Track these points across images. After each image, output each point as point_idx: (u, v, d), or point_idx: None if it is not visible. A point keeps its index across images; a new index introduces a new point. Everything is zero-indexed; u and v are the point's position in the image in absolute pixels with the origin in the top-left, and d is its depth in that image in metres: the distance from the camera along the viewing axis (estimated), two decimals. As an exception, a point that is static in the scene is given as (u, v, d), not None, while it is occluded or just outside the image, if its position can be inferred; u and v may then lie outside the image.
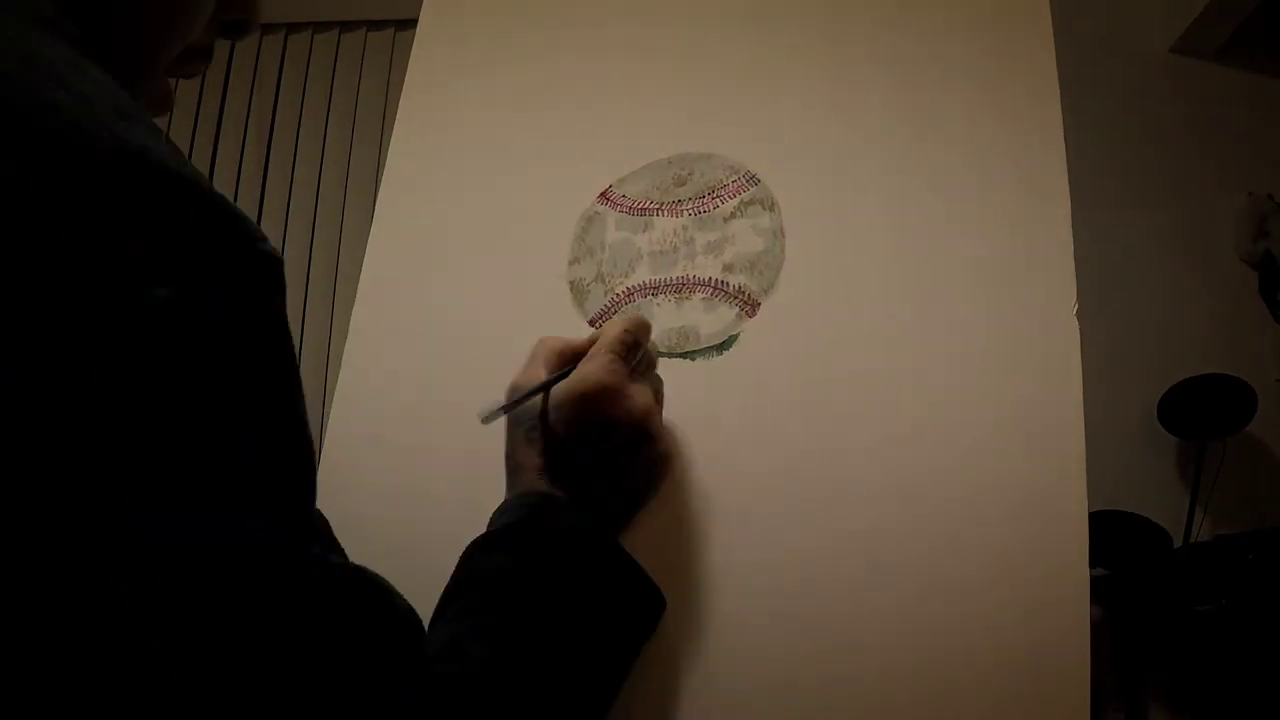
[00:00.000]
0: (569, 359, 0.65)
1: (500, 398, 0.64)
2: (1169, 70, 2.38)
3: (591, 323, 0.75)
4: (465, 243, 0.82)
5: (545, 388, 0.64)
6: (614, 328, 0.65)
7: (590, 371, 0.62)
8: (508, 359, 0.75)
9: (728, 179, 0.77)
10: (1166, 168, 2.31)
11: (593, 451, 0.63)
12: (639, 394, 0.63)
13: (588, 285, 0.77)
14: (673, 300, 0.74)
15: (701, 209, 0.76)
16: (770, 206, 0.75)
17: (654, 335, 0.71)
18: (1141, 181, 2.30)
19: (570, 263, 0.78)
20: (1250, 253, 2.29)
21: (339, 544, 0.44)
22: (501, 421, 0.66)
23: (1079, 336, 0.66)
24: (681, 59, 0.83)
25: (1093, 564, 0.62)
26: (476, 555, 0.59)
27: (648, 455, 0.65)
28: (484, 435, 0.65)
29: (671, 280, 0.75)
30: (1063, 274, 0.68)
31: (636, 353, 0.65)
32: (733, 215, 0.76)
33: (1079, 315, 0.67)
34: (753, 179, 0.77)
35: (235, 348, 0.37)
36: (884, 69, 0.78)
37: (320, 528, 0.43)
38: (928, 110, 0.75)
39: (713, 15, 0.84)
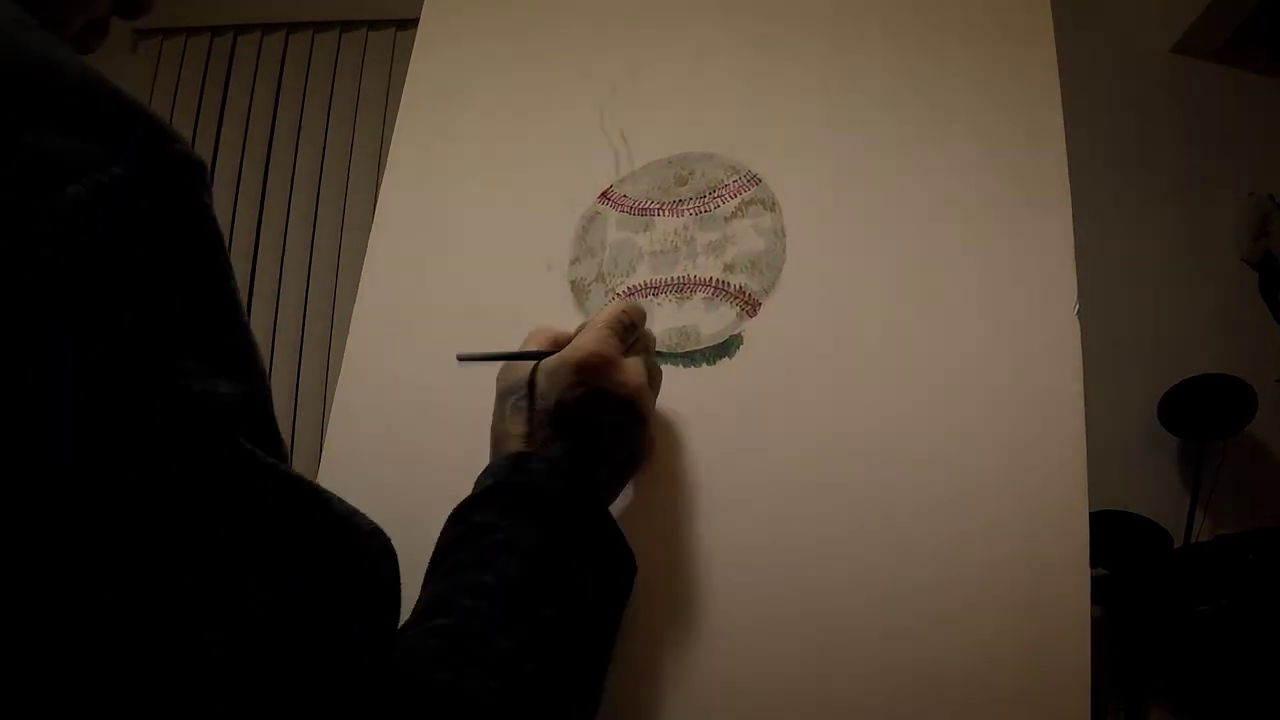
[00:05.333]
0: (562, 344, 0.64)
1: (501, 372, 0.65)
2: (1170, 70, 2.38)
3: (592, 322, 0.75)
4: (466, 242, 0.82)
5: (535, 356, 0.64)
6: (611, 308, 0.66)
7: (585, 342, 0.62)
8: (509, 358, 0.76)
9: (729, 179, 0.77)
10: (1167, 167, 2.31)
11: (581, 421, 0.62)
12: (632, 371, 0.63)
13: (589, 285, 0.77)
14: (674, 300, 0.74)
15: (703, 209, 0.77)
16: (771, 206, 0.75)
17: (655, 335, 0.71)
18: (1142, 181, 2.30)
19: (571, 262, 0.78)
20: (1251, 252, 2.29)
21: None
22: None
23: (1080, 336, 0.66)
24: (683, 58, 0.83)
25: (1093, 564, 0.62)
26: (465, 517, 0.58)
27: (636, 434, 0.65)
28: (485, 434, 0.65)
29: (672, 280, 0.75)
30: (1064, 274, 0.68)
31: (632, 333, 0.65)
32: (734, 215, 0.76)
33: (1080, 315, 0.67)
34: (754, 179, 0.77)
35: (158, 247, 0.36)
36: (885, 70, 0.78)
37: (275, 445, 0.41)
38: (929, 111, 0.76)
39: (714, 15, 0.84)
